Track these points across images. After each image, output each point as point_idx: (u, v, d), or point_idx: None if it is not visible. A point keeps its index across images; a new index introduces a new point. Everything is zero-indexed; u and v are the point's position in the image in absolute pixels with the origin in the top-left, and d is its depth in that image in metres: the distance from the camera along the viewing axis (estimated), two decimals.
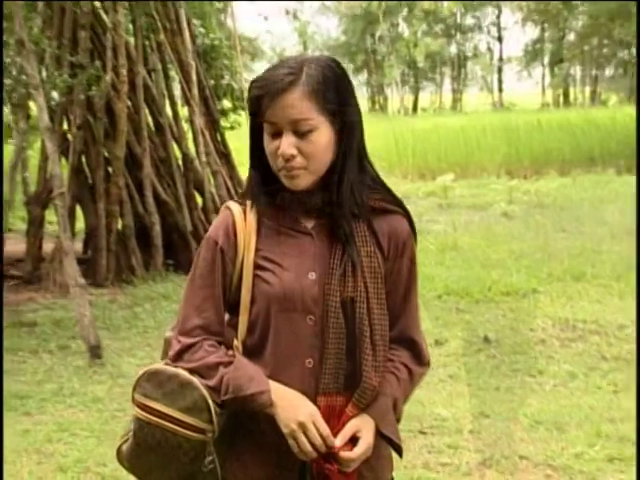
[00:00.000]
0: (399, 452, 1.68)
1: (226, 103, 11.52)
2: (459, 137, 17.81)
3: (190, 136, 8.29)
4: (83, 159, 7.74)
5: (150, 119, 8.09)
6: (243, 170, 9.64)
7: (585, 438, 3.86)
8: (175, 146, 8.23)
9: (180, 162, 8.23)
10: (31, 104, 8.10)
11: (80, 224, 8.48)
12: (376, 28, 48.53)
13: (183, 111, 8.61)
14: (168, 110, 8.29)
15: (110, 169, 7.63)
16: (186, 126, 8.45)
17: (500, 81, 54.03)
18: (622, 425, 4.01)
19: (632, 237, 9.04)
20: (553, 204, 12.20)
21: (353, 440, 1.59)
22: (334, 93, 1.58)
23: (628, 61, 43.47)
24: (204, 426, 1.55)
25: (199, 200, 8.27)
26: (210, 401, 1.55)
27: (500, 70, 54.27)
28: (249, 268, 1.61)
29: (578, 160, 17.09)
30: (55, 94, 7.37)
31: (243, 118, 10.75)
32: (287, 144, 1.54)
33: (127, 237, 7.68)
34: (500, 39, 54.05)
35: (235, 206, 1.65)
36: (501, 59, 54.47)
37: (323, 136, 1.57)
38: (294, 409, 1.55)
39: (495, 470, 3.59)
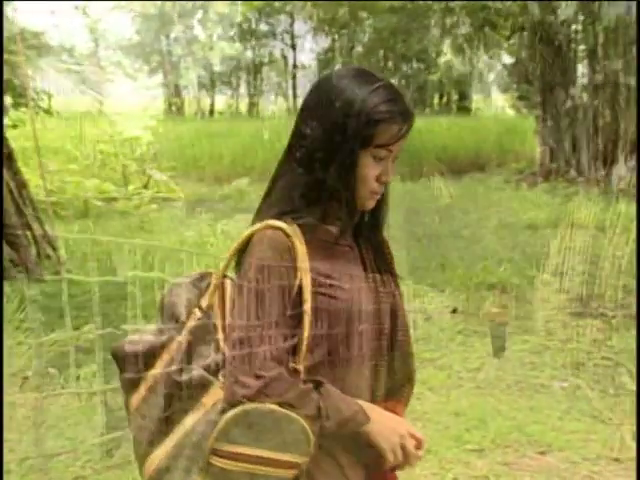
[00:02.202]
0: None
1: (7, 99, 10.81)
2: (255, 141, 18.01)
3: None
4: None
5: None
6: (29, 172, 9.05)
7: None
8: None
9: None
10: None
11: None
12: (171, 29, 47.94)
13: None
14: None
15: None
16: None
17: (295, 87, 55.46)
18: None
19: (415, 242, 9.65)
20: None
21: None
22: None
23: (410, 75, 46.48)
24: (300, 459, 1.46)
25: None
26: (310, 431, 1.47)
27: (294, 77, 55.71)
28: (308, 287, 1.53)
29: None
30: None
31: (26, 116, 10.13)
32: (392, 170, 1.62)
33: None
34: (294, 47, 55.51)
35: (283, 225, 1.55)
36: (295, 66, 55.94)
37: None
38: (388, 422, 1.58)
39: None
